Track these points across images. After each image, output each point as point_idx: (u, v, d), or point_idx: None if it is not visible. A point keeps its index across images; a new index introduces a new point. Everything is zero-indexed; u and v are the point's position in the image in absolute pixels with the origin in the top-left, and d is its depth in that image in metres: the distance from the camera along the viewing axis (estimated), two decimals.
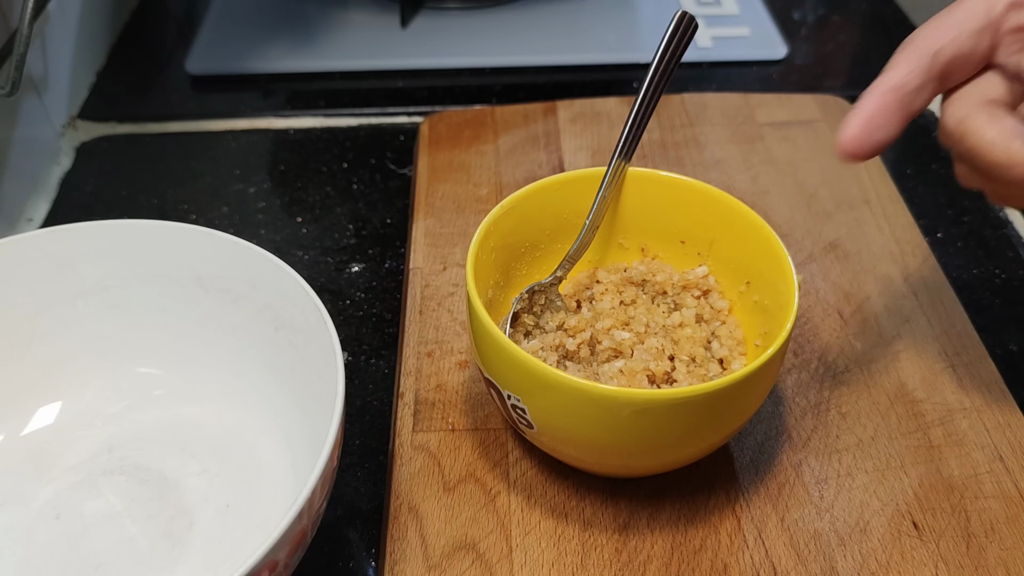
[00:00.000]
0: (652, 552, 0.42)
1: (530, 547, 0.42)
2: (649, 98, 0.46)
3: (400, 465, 0.45)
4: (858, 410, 0.48)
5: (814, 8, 0.84)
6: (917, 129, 0.69)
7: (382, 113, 0.70)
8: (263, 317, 0.44)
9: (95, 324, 0.47)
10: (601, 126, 0.65)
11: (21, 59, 0.55)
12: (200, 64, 0.74)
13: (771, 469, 0.45)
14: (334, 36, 0.77)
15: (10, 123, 0.60)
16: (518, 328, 0.46)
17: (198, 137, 0.69)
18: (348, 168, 0.66)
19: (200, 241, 0.45)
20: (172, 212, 0.62)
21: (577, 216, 0.47)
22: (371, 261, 0.59)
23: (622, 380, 0.42)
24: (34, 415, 0.46)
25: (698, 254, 0.48)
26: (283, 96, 0.72)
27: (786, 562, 0.41)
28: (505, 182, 0.61)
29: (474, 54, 0.75)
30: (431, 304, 0.53)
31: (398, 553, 0.42)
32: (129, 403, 0.47)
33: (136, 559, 0.41)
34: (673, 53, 0.45)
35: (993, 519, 0.43)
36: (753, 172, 0.62)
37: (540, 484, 0.44)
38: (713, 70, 0.75)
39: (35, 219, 0.62)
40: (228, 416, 0.46)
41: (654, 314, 0.45)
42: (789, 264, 0.42)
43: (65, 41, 0.69)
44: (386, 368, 0.52)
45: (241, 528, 0.42)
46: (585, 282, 0.48)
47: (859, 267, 0.56)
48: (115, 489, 0.44)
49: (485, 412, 0.48)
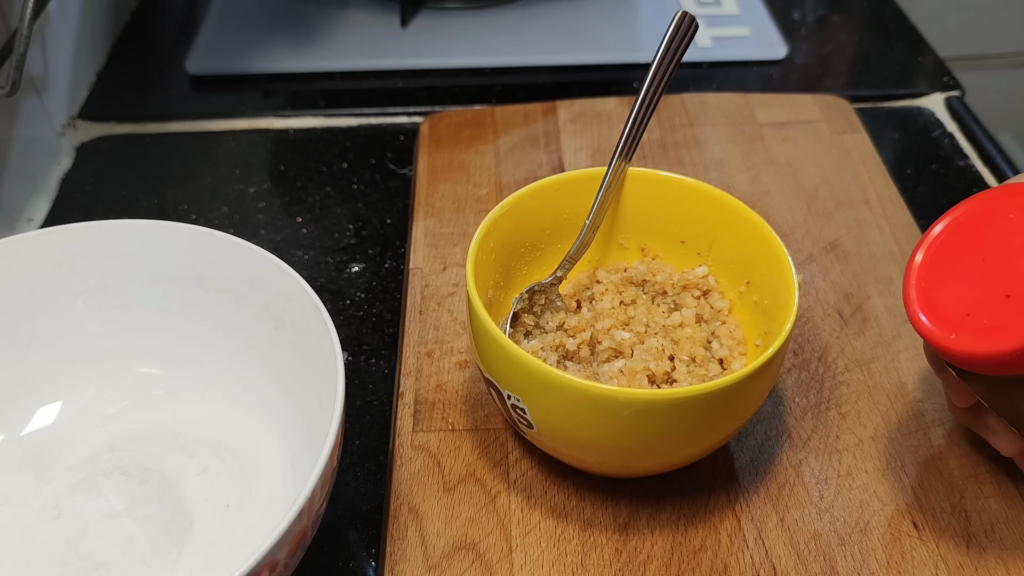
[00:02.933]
0: (652, 552, 0.42)
1: (530, 547, 0.42)
2: (649, 98, 0.46)
3: (400, 465, 0.45)
4: (858, 410, 0.48)
5: (814, 8, 0.84)
6: (917, 129, 0.69)
7: (382, 113, 0.70)
8: (263, 317, 0.44)
9: (95, 324, 0.46)
10: (601, 126, 0.65)
11: (21, 59, 0.55)
12: (200, 64, 0.74)
13: (771, 469, 0.45)
14: (334, 36, 0.77)
15: (10, 123, 0.60)
16: (518, 328, 0.46)
17: (198, 137, 0.69)
18: (348, 168, 0.66)
19: (200, 241, 0.45)
20: (172, 212, 0.62)
21: (577, 216, 0.47)
22: (371, 261, 0.59)
23: (622, 380, 0.42)
24: (34, 415, 0.46)
25: (698, 254, 0.48)
26: (283, 96, 0.72)
27: (786, 562, 0.41)
28: (505, 182, 0.61)
29: (474, 54, 0.75)
30: (431, 304, 0.53)
31: (398, 553, 0.42)
32: (129, 403, 0.47)
33: (136, 559, 0.41)
34: (673, 53, 0.45)
35: (993, 519, 0.43)
36: (753, 172, 0.62)
37: (540, 484, 0.44)
38: (713, 70, 0.75)
39: (35, 219, 0.62)
40: (228, 416, 0.46)
41: (654, 314, 0.45)
42: (789, 264, 0.42)
43: (65, 41, 0.69)
44: (386, 368, 0.52)
45: (241, 528, 0.42)
46: (585, 282, 0.48)
47: (859, 267, 0.56)
48: (115, 489, 0.44)
49: (485, 412, 0.48)
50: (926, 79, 0.74)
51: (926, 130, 0.69)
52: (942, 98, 0.72)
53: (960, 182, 0.64)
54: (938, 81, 0.74)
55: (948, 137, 0.68)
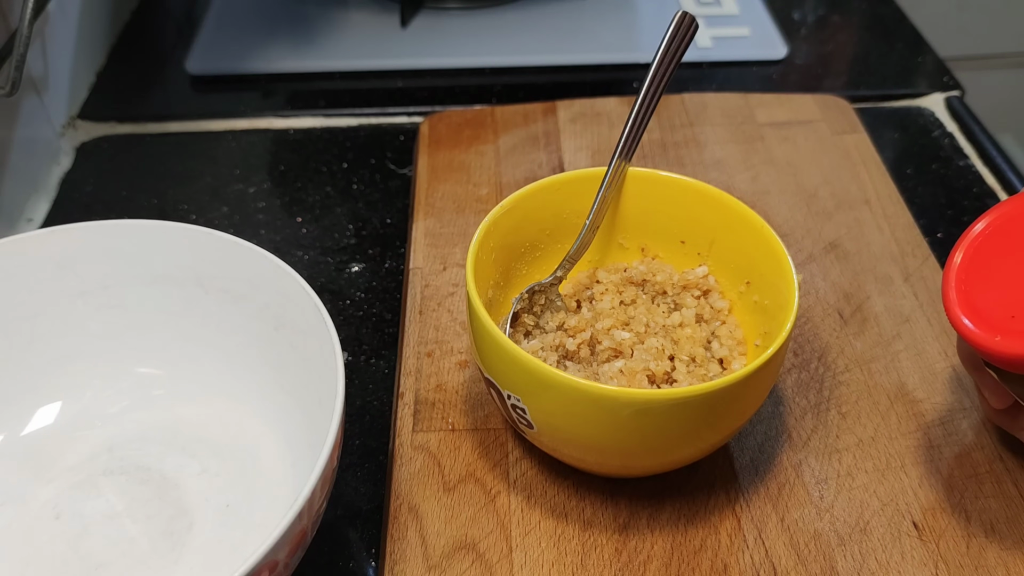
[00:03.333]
0: (652, 552, 0.42)
1: (530, 547, 0.42)
2: (649, 98, 0.46)
3: (400, 465, 0.45)
4: (858, 410, 0.48)
5: (814, 8, 0.84)
6: (917, 129, 0.69)
7: (382, 113, 0.70)
8: (263, 317, 0.44)
9: (95, 324, 0.46)
10: (601, 126, 0.65)
11: (21, 59, 0.55)
12: (200, 64, 0.74)
13: (771, 469, 0.45)
14: (334, 36, 0.77)
15: (10, 123, 0.60)
16: (518, 328, 0.46)
17: (198, 137, 0.69)
18: (348, 168, 0.66)
19: (200, 241, 0.45)
20: (172, 212, 0.62)
21: (577, 216, 0.47)
22: (371, 261, 0.59)
23: (622, 380, 0.42)
24: (34, 415, 0.46)
25: (698, 254, 0.48)
26: (283, 96, 0.72)
27: (786, 562, 0.41)
28: (505, 182, 0.61)
29: (474, 54, 0.75)
30: (431, 304, 0.53)
31: (398, 553, 0.42)
32: (129, 403, 0.47)
33: (136, 559, 0.41)
34: (673, 53, 0.45)
35: (993, 519, 0.43)
36: (753, 172, 0.62)
37: (540, 484, 0.44)
38: (713, 70, 0.75)
39: (35, 219, 0.62)
40: (228, 416, 0.46)
41: (654, 314, 0.45)
42: (789, 264, 0.42)
43: (65, 41, 0.69)
44: (386, 368, 0.52)
45: (241, 528, 0.42)
46: (585, 282, 0.48)
47: (859, 267, 0.56)
48: (115, 489, 0.44)
49: (485, 412, 0.48)
50: (926, 79, 0.74)
51: (926, 130, 0.69)
52: (942, 98, 0.72)
53: (960, 182, 0.64)
54: (938, 81, 0.74)
55: (948, 137, 0.68)
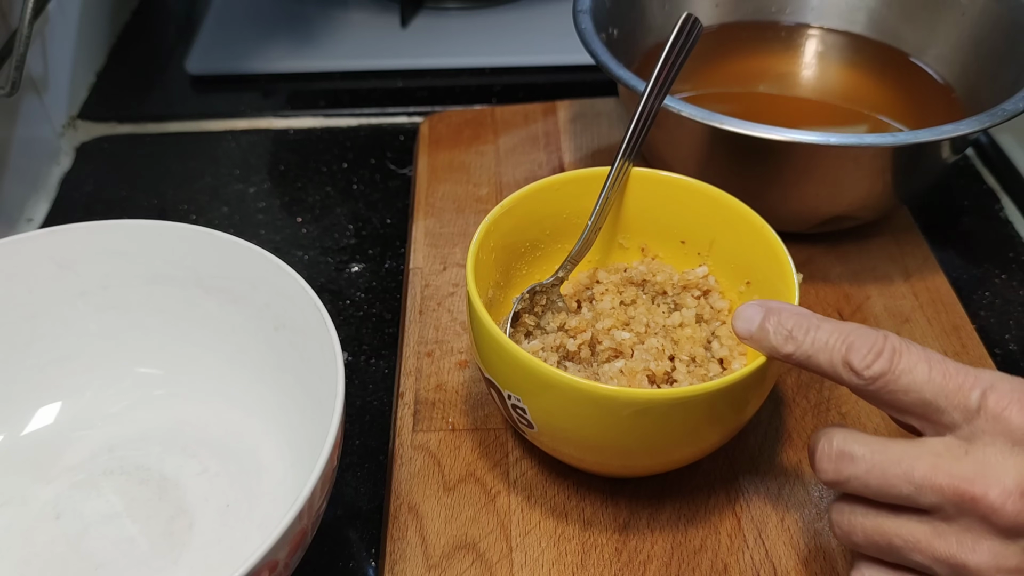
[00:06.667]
0: (652, 552, 0.42)
1: (530, 547, 0.42)
2: (653, 98, 0.46)
3: (400, 465, 0.45)
4: (858, 410, 0.48)
5: None
6: None
7: (382, 113, 0.70)
8: (263, 317, 0.44)
9: (95, 324, 0.46)
10: (601, 126, 0.65)
11: (21, 59, 0.55)
12: (200, 64, 0.74)
13: (771, 469, 0.45)
14: (334, 36, 0.77)
15: (10, 123, 0.60)
16: (519, 328, 0.46)
17: (198, 137, 0.69)
18: (348, 168, 0.66)
19: (200, 241, 0.45)
20: (172, 212, 0.62)
21: (577, 216, 0.47)
22: (371, 261, 0.59)
23: (622, 380, 0.42)
24: (34, 415, 0.46)
25: (698, 254, 0.48)
26: (283, 96, 0.72)
27: (786, 562, 0.41)
28: (505, 182, 0.61)
29: (474, 54, 0.75)
30: (431, 304, 0.53)
31: (398, 553, 0.42)
32: (129, 403, 0.47)
33: (136, 559, 0.41)
34: (678, 54, 0.45)
35: None
36: None
37: (540, 484, 0.44)
38: None
39: (35, 219, 0.62)
40: (228, 416, 0.46)
41: (654, 314, 0.45)
42: (789, 264, 0.42)
43: (65, 41, 0.69)
44: (386, 368, 0.52)
45: (241, 528, 0.42)
46: (585, 282, 0.48)
47: (859, 267, 0.56)
48: (115, 489, 0.44)
49: (485, 412, 0.48)
50: None
51: None
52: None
53: (960, 182, 0.64)
54: None
55: None
